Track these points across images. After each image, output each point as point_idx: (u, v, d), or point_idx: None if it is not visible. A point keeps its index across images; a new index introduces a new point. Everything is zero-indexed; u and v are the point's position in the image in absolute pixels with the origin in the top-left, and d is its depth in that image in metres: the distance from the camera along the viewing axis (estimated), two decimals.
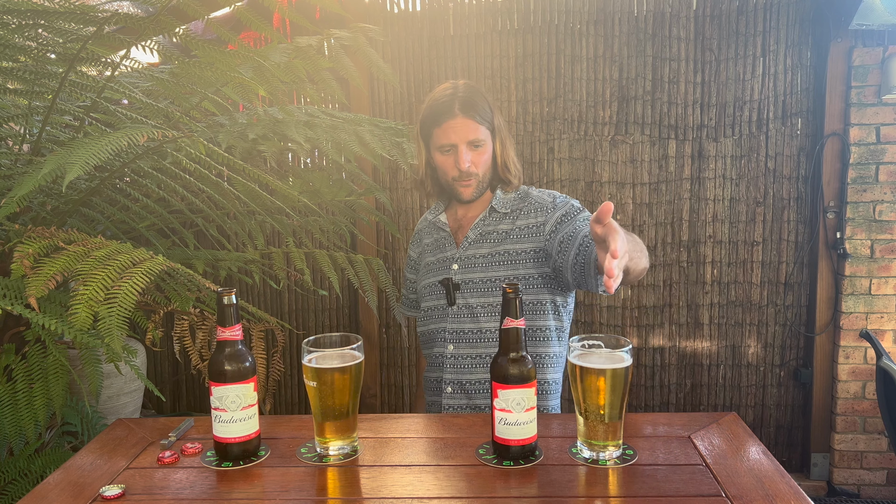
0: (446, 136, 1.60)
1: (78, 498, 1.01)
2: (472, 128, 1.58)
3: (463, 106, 1.58)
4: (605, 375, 1.09)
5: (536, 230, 1.62)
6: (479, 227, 1.68)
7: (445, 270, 1.68)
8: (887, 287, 2.89)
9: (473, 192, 1.65)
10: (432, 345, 1.71)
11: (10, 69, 1.70)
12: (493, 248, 1.64)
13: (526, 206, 1.67)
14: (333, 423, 1.14)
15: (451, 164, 1.62)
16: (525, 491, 1.01)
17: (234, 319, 1.10)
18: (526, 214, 1.66)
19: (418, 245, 1.84)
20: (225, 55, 1.71)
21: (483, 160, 1.62)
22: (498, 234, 1.65)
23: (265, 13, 2.33)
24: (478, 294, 1.62)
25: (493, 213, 1.68)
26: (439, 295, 1.68)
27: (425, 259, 1.77)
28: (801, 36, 2.88)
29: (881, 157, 2.84)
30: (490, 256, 1.64)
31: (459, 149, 1.59)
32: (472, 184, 1.63)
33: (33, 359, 1.67)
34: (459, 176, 1.62)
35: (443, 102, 1.60)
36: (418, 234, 1.85)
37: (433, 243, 1.76)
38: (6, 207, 1.38)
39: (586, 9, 2.90)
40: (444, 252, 1.71)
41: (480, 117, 1.59)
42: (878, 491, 2.98)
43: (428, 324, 1.72)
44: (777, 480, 1.03)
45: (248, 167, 1.75)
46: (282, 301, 3.21)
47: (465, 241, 1.68)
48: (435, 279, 1.69)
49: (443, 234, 1.74)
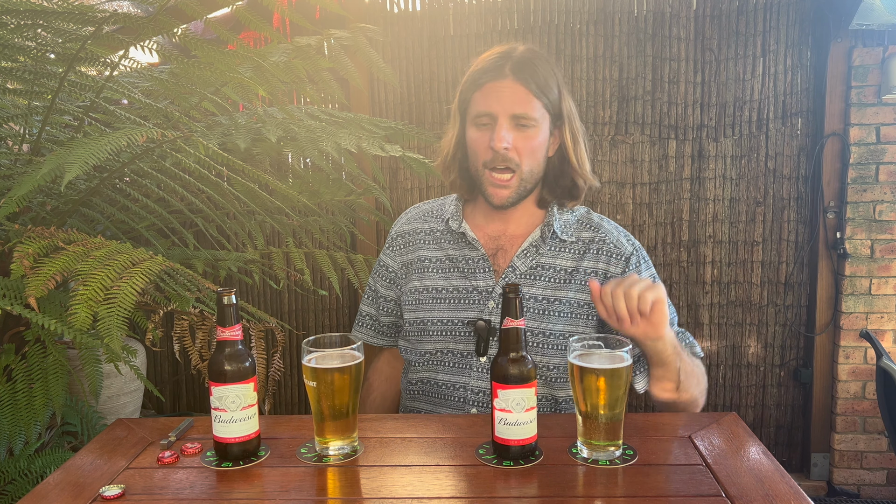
0: (486, 102, 1.20)
1: (78, 498, 1.01)
2: (523, 97, 1.19)
3: (517, 67, 1.20)
4: (605, 375, 1.08)
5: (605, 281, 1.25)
6: (530, 256, 1.27)
7: (474, 306, 1.26)
8: (887, 287, 2.89)
9: (510, 196, 1.23)
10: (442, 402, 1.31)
11: (9, 69, 1.70)
12: (550, 292, 1.26)
13: (597, 240, 1.29)
14: (333, 423, 1.13)
15: (484, 144, 1.21)
16: (525, 491, 1.01)
17: (234, 319, 1.10)
18: (596, 254, 1.28)
19: (406, 253, 1.37)
20: (224, 55, 1.71)
21: (530, 148, 1.21)
22: (557, 273, 1.27)
23: (265, 13, 2.32)
24: None
25: (553, 240, 1.28)
26: (459, 337, 1.27)
27: (428, 280, 1.32)
28: (801, 36, 2.87)
29: (881, 157, 2.84)
30: (546, 302, 1.25)
31: (499, 122, 1.19)
32: (509, 182, 1.22)
33: (33, 359, 1.67)
34: (492, 160, 1.21)
35: (492, 60, 1.22)
36: (407, 237, 1.38)
37: (449, 261, 1.31)
38: (6, 207, 1.38)
39: (586, 9, 2.90)
40: (475, 280, 1.28)
41: (538, 88, 1.20)
42: (878, 491, 2.98)
43: (437, 373, 1.31)
44: (777, 480, 1.03)
45: (248, 167, 1.75)
46: (282, 301, 3.21)
47: (508, 270, 1.27)
48: (456, 314, 1.27)
49: (472, 252, 1.30)
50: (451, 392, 1.31)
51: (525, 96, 1.20)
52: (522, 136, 1.21)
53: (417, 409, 1.39)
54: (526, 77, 1.20)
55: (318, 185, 2.44)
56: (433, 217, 1.38)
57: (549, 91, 1.22)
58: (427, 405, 1.36)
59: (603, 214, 1.42)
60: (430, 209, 1.41)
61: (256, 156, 2.20)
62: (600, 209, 2.97)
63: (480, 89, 1.22)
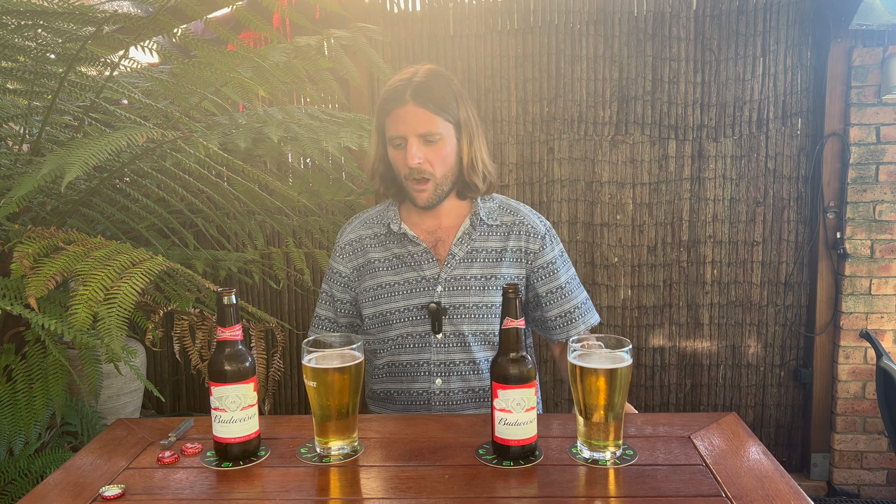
0: (395, 127, 1.40)
1: (78, 498, 1.01)
2: (424, 119, 1.37)
3: (416, 92, 1.38)
4: (605, 375, 1.09)
5: (526, 256, 1.50)
6: (465, 243, 1.48)
7: (425, 292, 1.46)
8: (887, 287, 2.89)
9: (430, 198, 1.43)
10: (410, 379, 1.49)
11: (9, 69, 1.70)
12: (486, 270, 1.47)
13: (517, 222, 1.52)
14: (333, 423, 1.13)
15: (401, 161, 1.41)
16: (525, 491, 1.01)
17: (234, 319, 1.10)
18: (518, 235, 1.50)
19: (356, 258, 1.53)
20: (224, 55, 1.71)
21: (440, 157, 1.41)
22: (489, 254, 1.49)
23: (265, 13, 2.32)
24: (471, 321, 1.45)
25: (481, 226, 1.50)
26: (416, 321, 1.46)
27: (381, 278, 1.49)
28: (801, 36, 2.87)
29: (881, 157, 2.84)
30: (484, 279, 1.46)
31: (409, 142, 1.38)
32: (426, 187, 1.42)
33: (33, 359, 1.68)
34: (410, 173, 1.41)
35: (395, 88, 1.41)
36: (355, 244, 1.54)
37: (395, 259, 1.49)
38: (6, 207, 1.38)
39: (586, 9, 2.90)
40: (421, 270, 1.47)
41: (437, 107, 1.38)
42: (878, 491, 2.98)
43: (401, 354, 1.49)
44: (777, 480, 1.03)
45: (248, 168, 1.75)
46: (282, 301, 3.21)
47: (449, 258, 1.47)
48: (410, 302, 1.46)
49: (414, 248, 1.48)
50: (415, 368, 1.49)
51: (427, 116, 1.38)
52: (432, 150, 1.40)
53: (386, 389, 1.54)
54: (424, 100, 1.38)
55: (318, 185, 2.44)
56: (375, 223, 1.55)
57: (448, 105, 1.40)
58: (395, 384, 1.52)
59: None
60: (370, 217, 1.58)
61: (259, 156, 2.20)
62: (600, 209, 2.97)
63: (389, 116, 1.41)
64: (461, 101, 1.43)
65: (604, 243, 3.01)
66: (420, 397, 1.49)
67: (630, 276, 3.04)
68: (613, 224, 3.00)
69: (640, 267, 3.02)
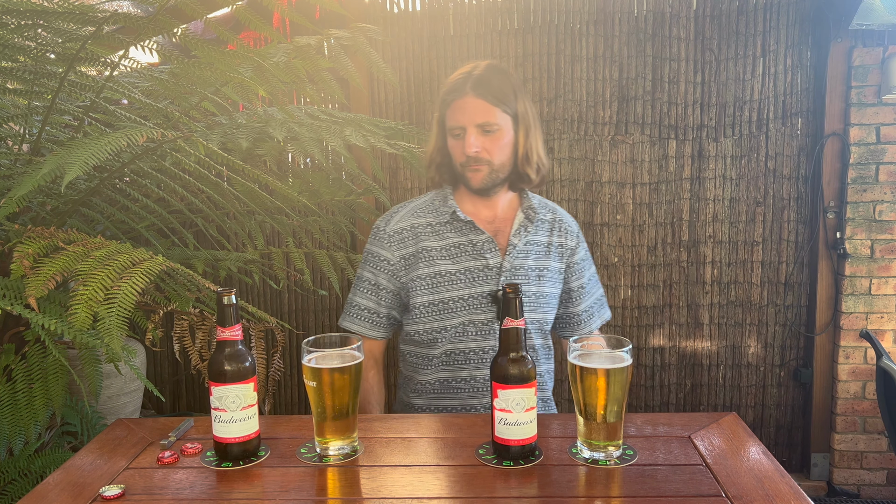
0: (454, 118, 1.47)
1: (78, 498, 1.01)
2: (483, 109, 1.44)
3: (475, 84, 1.45)
4: (605, 375, 1.09)
5: (564, 252, 1.59)
6: (522, 235, 1.54)
7: (487, 281, 1.50)
8: (887, 287, 2.89)
9: (484, 180, 1.48)
10: (474, 367, 1.52)
11: (9, 69, 1.70)
12: (539, 262, 1.55)
13: (557, 219, 1.61)
14: (333, 423, 1.13)
15: (459, 150, 1.48)
16: (525, 491, 1.01)
17: (234, 319, 1.10)
18: (559, 232, 1.59)
19: (406, 247, 1.53)
20: (224, 55, 1.71)
21: (498, 147, 1.47)
22: (539, 246, 1.56)
23: (265, 13, 2.32)
24: (529, 310, 1.51)
25: (536, 221, 1.57)
26: (479, 308, 1.50)
27: (438, 266, 1.51)
28: (801, 36, 2.87)
29: (881, 157, 2.84)
30: (538, 270, 1.54)
31: (468, 131, 1.45)
32: (482, 169, 1.47)
33: (33, 359, 1.67)
34: (467, 161, 1.47)
35: (457, 80, 1.48)
36: (405, 233, 1.54)
37: (453, 248, 1.52)
38: (6, 207, 1.38)
39: (586, 9, 2.90)
40: (484, 259, 1.50)
41: (496, 98, 1.44)
42: (878, 491, 2.98)
43: (462, 342, 1.51)
44: (777, 480, 1.03)
45: (248, 167, 1.75)
46: (282, 301, 3.21)
47: (510, 248, 1.52)
48: (473, 290, 1.50)
49: (477, 236, 1.51)
50: (479, 356, 1.52)
51: (484, 107, 1.44)
52: (489, 139, 1.46)
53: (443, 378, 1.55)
54: (483, 91, 1.44)
55: (318, 185, 2.44)
56: (427, 212, 1.57)
57: (506, 98, 1.46)
58: (454, 372, 1.54)
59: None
60: (420, 206, 1.60)
61: (259, 156, 2.19)
62: (600, 209, 2.97)
63: (449, 107, 1.48)
64: (519, 94, 1.49)
65: (604, 243, 3.01)
66: (485, 384, 1.51)
67: (630, 276, 3.04)
68: (613, 224, 3.00)
69: (640, 267, 3.03)
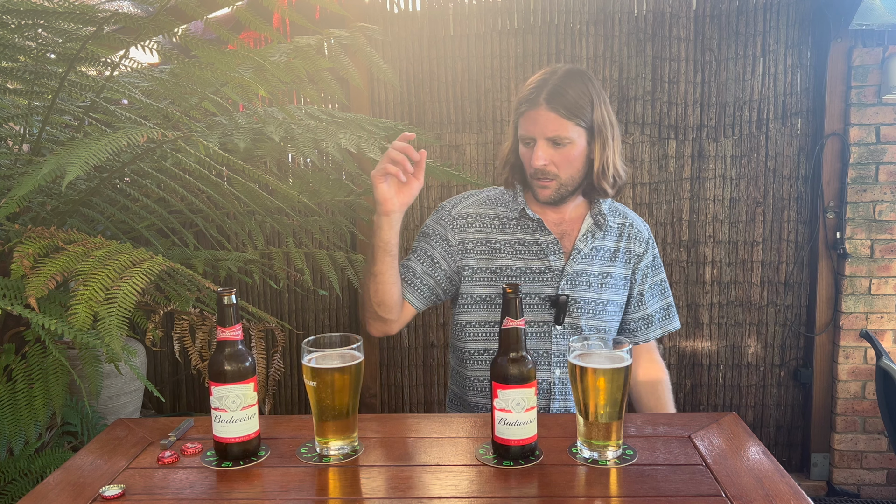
0: (526, 128, 1.44)
1: (78, 498, 1.01)
2: (554, 123, 1.40)
3: (550, 96, 1.40)
4: (605, 375, 1.09)
5: (632, 258, 1.57)
6: (588, 240, 1.52)
7: (548, 283, 1.50)
8: (887, 287, 2.89)
9: (551, 195, 1.47)
10: None
11: (9, 69, 1.70)
12: (603, 269, 1.53)
13: (627, 225, 1.58)
14: (333, 423, 1.13)
15: (529, 159, 1.46)
16: (525, 491, 1.01)
17: (234, 319, 1.10)
18: (628, 238, 1.57)
19: (468, 232, 1.53)
20: (225, 55, 1.71)
21: (567, 160, 1.43)
22: (605, 252, 1.54)
23: (265, 13, 2.32)
24: (588, 316, 1.50)
25: (604, 227, 1.54)
26: (537, 309, 1.50)
27: (501, 260, 1.51)
28: (801, 36, 2.88)
29: (881, 157, 2.84)
30: (601, 277, 1.52)
31: (537, 144, 1.42)
32: (550, 185, 1.45)
33: (33, 359, 1.67)
34: (535, 173, 1.45)
35: (531, 89, 1.44)
36: (470, 219, 1.54)
37: (519, 244, 1.51)
38: (6, 207, 1.38)
39: (586, 9, 2.90)
40: (547, 261, 1.50)
41: (569, 112, 1.40)
42: (878, 491, 2.98)
43: None
44: (777, 480, 1.03)
45: (248, 167, 1.75)
46: (282, 301, 3.21)
47: (574, 252, 1.50)
48: (533, 290, 1.49)
49: (543, 237, 1.50)
50: (535, 357, 1.48)
51: (557, 121, 1.40)
52: (559, 153, 1.43)
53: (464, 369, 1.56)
54: (556, 105, 1.40)
55: (318, 185, 2.44)
56: (496, 205, 1.57)
57: (581, 111, 1.41)
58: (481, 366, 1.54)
59: None
60: (488, 198, 1.59)
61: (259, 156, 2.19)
62: None
63: (522, 116, 1.45)
64: (597, 104, 1.44)
65: None
66: (540, 387, 1.49)
67: None
68: None
69: None
